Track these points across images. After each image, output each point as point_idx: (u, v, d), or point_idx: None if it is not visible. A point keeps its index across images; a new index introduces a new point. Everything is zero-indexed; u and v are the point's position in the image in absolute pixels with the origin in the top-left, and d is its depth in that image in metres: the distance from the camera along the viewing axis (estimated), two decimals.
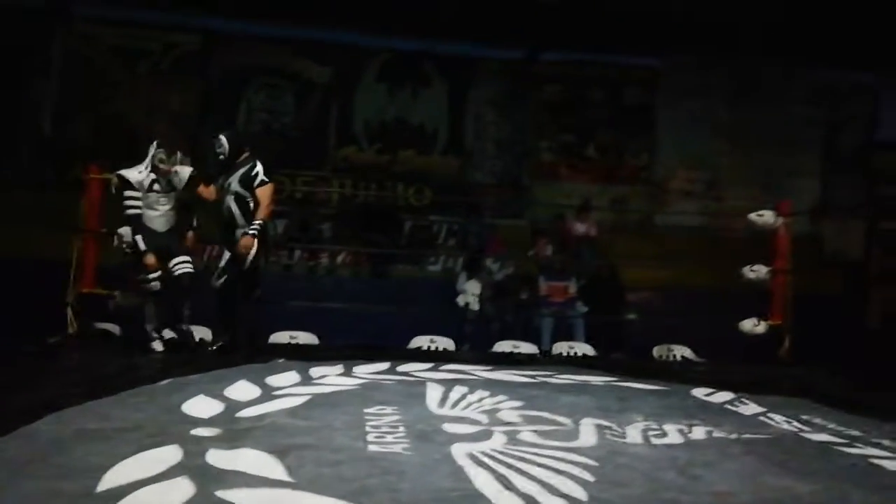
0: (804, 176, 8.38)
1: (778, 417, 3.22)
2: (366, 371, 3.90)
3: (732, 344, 5.25)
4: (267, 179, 4.35)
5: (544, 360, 5.27)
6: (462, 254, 7.62)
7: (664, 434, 2.81)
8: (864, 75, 8.40)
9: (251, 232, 4.24)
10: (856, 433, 2.96)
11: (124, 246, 4.38)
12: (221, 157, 4.33)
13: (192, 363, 3.86)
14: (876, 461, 2.57)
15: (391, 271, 7.69)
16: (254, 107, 8.24)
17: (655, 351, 5.60)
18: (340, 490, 2.01)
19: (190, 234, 4.49)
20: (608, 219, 7.90)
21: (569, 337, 6.19)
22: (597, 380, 3.99)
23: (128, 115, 7.83)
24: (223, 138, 4.34)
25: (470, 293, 6.72)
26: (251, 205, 4.30)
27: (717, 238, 7.66)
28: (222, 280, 4.36)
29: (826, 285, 7.29)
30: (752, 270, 5.01)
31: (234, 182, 4.28)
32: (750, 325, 5.06)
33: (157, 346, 4.27)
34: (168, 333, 4.35)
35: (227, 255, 4.38)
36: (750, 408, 3.43)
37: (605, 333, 6.32)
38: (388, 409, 2.98)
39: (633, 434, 2.79)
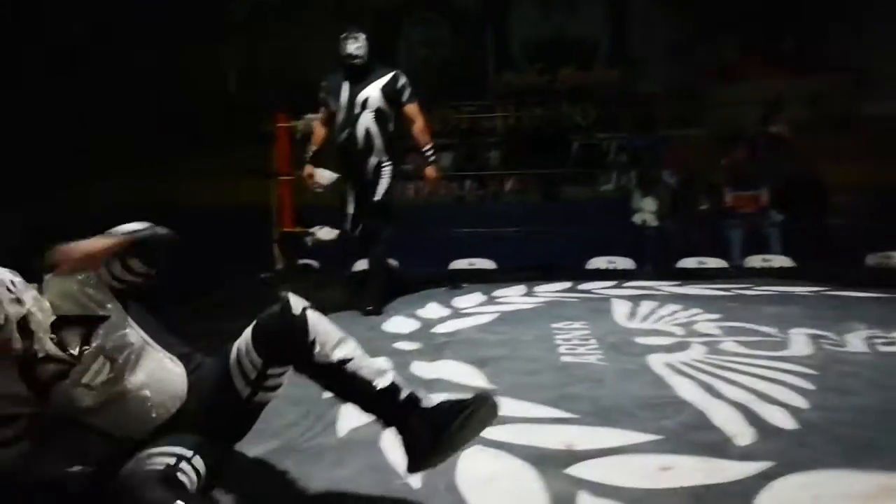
0: None
1: None
2: (547, 290, 3.92)
3: None
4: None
5: (736, 273, 4.92)
6: (635, 170, 7.24)
7: (893, 342, 2.51)
8: None
9: (431, 158, 3.56)
10: None
11: (315, 185, 4.73)
12: (358, 60, 3.31)
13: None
14: None
15: (562, 194, 7.55)
16: (412, 43, 8.34)
17: (869, 259, 4.97)
18: (541, 396, 2.06)
19: None
20: (804, 116, 7.01)
21: (762, 249, 5.69)
22: (802, 290, 3.65)
23: (297, 67, 8.31)
24: (362, 36, 3.34)
25: (647, 210, 6.41)
26: (391, 126, 3.39)
27: None
28: (360, 228, 3.51)
29: None
30: None
31: (373, 95, 3.29)
32: None
33: None
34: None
35: (351, 196, 3.52)
36: None
37: (806, 243, 5.71)
38: (576, 324, 2.97)
39: (855, 342, 2.53)
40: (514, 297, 3.76)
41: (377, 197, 3.39)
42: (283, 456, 1.69)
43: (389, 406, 1.44)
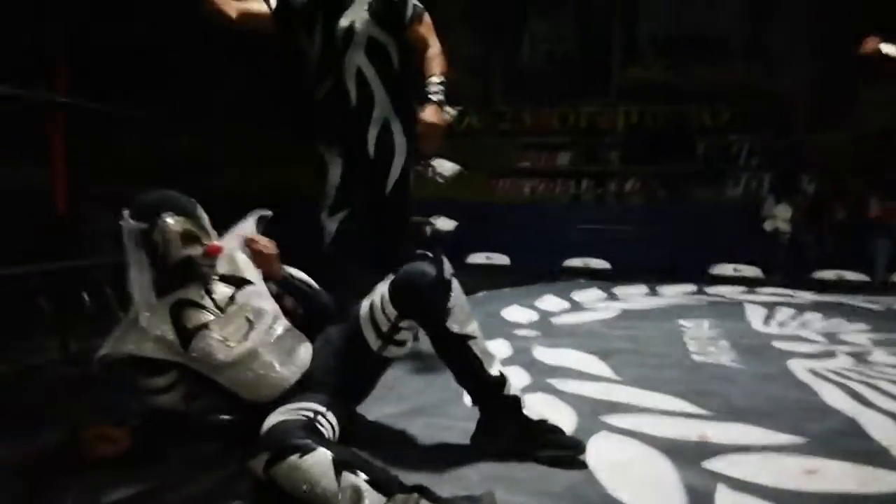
0: None
1: None
2: (672, 291, 3.80)
3: None
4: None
5: (881, 288, 4.53)
6: (768, 174, 6.82)
7: None
8: None
9: (435, 98, 2.06)
10: None
11: (437, 177, 4.84)
12: None
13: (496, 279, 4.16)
14: None
15: (686, 196, 7.24)
16: (537, 37, 8.30)
17: None
18: (669, 389, 2.01)
19: None
20: None
21: None
22: None
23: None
24: None
25: (780, 218, 6.03)
26: (396, 65, 2.14)
27: None
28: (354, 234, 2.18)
29: None
30: None
31: (360, 21, 2.09)
32: None
33: None
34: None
35: (337, 180, 2.15)
36: None
37: None
38: (706, 324, 2.86)
39: None
40: (636, 295, 3.68)
41: (389, 187, 2.13)
42: (412, 419, 1.74)
43: (492, 395, 1.52)
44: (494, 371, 1.52)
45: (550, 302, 3.41)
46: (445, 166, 4.85)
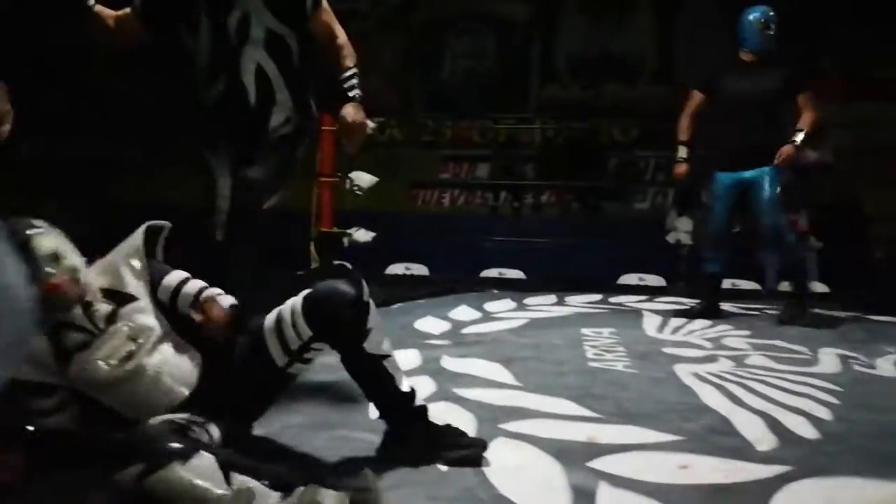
0: None
1: None
2: (578, 301, 3.97)
3: None
4: None
5: (769, 296, 4.90)
6: (672, 189, 7.23)
7: None
8: None
9: (352, 91, 2.04)
10: None
11: (355, 189, 4.86)
12: None
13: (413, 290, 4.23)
14: None
15: (598, 210, 7.58)
16: (457, 54, 8.48)
17: None
18: (566, 394, 2.12)
19: None
20: (850, 142, 6.91)
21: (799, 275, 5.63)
22: (835, 314, 3.64)
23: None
24: None
25: (681, 230, 6.40)
26: (296, 60, 1.99)
27: None
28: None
29: None
30: None
31: (255, 12, 1.91)
32: None
33: None
34: None
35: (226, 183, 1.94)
36: None
37: (844, 271, 5.64)
38: (605, 332, 3.02)
39: (885, 366, 2.53)
40: (544, 305, 3.83)
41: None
42: (315, 431, 1.74)
43: (402, 409, 1.56)
44: (405, 386, 1.56)
45: (463, 312, 3.51)
46: (363, 178, 4.89)
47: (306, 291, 1.45)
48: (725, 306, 3.79)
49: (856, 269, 5.64)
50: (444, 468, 1.54)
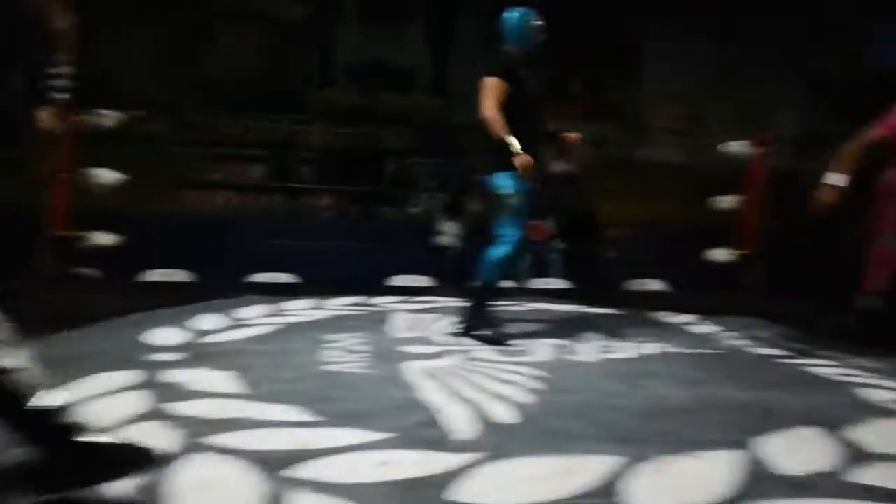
0: (788, 110, 8.31)
1: (730, 335, 3.33)
2: (337, 304, 3.98)
3: (708, 275, 5.35)
4: None
5: (518, 293, 5.36)
6: (443, 195, 7.61)
7: (618, 350, 2.91)
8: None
9: (59, 97, 1.83)
10: (798, 346, 3.08)
11: (94, 186, 4.38)
12: None
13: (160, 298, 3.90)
14: (803, 368, 2.69)
15: (376, 214, 7.71)
16: (228, 51, 8.08)
17: (630, 284, 5.70)
18: (297, 400, 2.09)
19: None
20: (590, 155, 7.87)
21: (546, 274, 6.26)
22: (563, 308, 4.09)
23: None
24: None
25: (449, 233, 6.77)
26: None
27: (699, 173, 7.64)
28: None
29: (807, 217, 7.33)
30: (720, 201, 5.08)
31: None
32: (719, 254, 5.15)
33: None
34: None
35: None
36: (706, 328, 3.53)
37: (583, 270, 6.39)
38: (352, 335, 3.06)
39: (589, 351, 2.89)
40: (301, 309, 3.77)
41: None
42: None
43: (36, 426, 1.38)
44: (43, 403, 1.38)
45: (209, 321, 3.31)
46: (104, 176, 4.42)
47: None
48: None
49: (592, 270, 6.42)
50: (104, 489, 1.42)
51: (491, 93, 2.97)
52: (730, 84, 8.34)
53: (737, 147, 5.16)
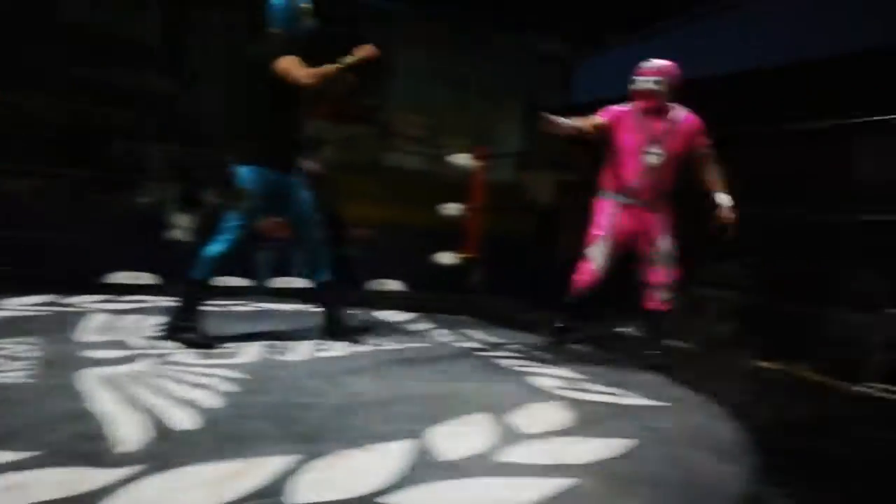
0: (511, 128, 9.28)
1: (442, 332, 3.58)
2: (20, 303, 3.43)
3: (438, 276, 5.71)
4: None
5: (255, 292, 5.18)
6: (176, 185, 7.04)
7: (330, 349, 2.93)
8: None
9: None
10: (496, 341, 3.42)
11: None
12: None
13: None
14: (494, 360, 3.00)
15: (95, 203, 6.83)
16: None
17: (369, 283, 5.86)
18: None
19: None
20: (337, 157, 7.93)
21: (287, 272, 6.15)
22: (288, 307, 4.04)
23: None
24: None
25: (182, 226, 6.29)
26: None
27: (436, 180, 8.15)
28: None
29: (525, 227, 8.25)
30: (447, 208, 5.48)
31: None
32: (446, 257, 5.53)
33: None
34: None
35: None
36: (422, 325, 3.75)
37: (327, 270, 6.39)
38: (22, 340, 2.64)
39: (301, 350, 2.86)
40: None
41: None
42: None
43: None
44: None
45: None
46: None
47: None
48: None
49: (335, 269, 6.45)
50: None
51: (293, 64, 2.88)
52: (463, 99, 9.09)
53: (461, 159, 5.63)
